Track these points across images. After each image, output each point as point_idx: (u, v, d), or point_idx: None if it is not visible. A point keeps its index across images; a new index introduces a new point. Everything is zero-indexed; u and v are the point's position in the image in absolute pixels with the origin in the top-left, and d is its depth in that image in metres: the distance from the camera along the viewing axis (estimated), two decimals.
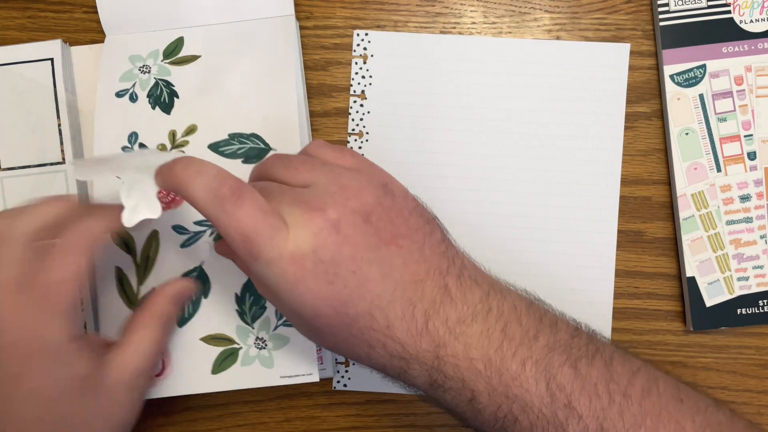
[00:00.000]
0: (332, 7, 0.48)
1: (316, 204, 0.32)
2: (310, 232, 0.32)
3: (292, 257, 0.31)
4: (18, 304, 0.33)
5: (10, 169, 0.46)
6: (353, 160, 0.37)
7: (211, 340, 0.42)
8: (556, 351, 0.33)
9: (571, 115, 0.47)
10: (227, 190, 0.31)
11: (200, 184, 0.32)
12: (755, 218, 0.46)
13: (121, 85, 0.46)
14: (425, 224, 0.35)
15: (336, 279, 0.32)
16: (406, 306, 0.33)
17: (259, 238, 0.31)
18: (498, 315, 0.34)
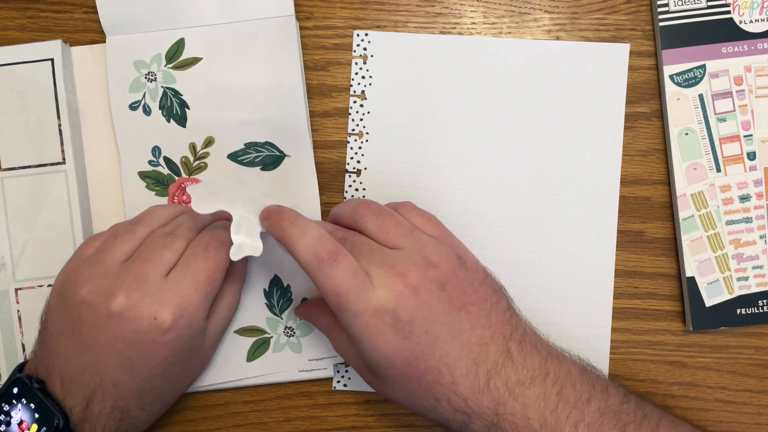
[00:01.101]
0: (332, 8, 0.48)
1: (401, 269, 0.37)
2: (393, 293, 0.36)
3: (375, 312, 0.36)
4: (177, 284, 0.39)
5: (10, 169, 0.46)
6: (437, 230, 0.40)
7: (245, 332, 0.47)
8: (606, 415, 0.36)
9: (571, 115, 0.47)
10: (326, 253, 0.37)
11: (304, 244, 0.37)
12: (755, 218, 0.46)
13: (132, 97, 0.47)
14: (493, 294, 0.39)
15: (411, 336, 0.36)
16: (470, 365, 0.36)
17: (348, 295, 0.36)
18: (555, 379, 0.37)
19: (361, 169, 0.48)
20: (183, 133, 0.47)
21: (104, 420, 0.39)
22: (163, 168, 0.47)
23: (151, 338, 0.38)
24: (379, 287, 0.36)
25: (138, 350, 0.38)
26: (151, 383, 0.40)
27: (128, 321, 0.37)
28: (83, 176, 0.47)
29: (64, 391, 0.38)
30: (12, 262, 0.46)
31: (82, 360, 0.38)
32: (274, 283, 0.47)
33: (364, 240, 0.39)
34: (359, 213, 0.40)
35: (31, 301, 0.46)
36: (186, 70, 0.47)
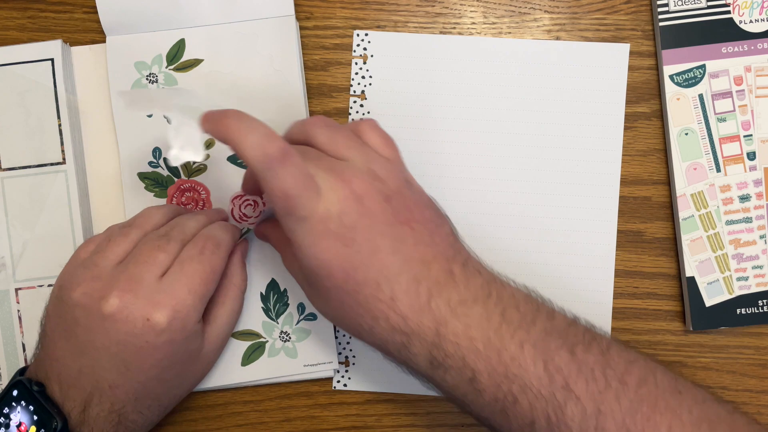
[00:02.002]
0: (332, 8, 0.48)
1: (347, 176, 0.35)
2: (338, 197, 0.35)
3: (320, 218, 0.35)
4: (171, 286, 0.38)
5: (10, 170, 0.46)
6: (390, 152, 0.39)
7: (240, 335, 0.46)
8: (552, 336, 0.35)
9: (571, 115, 0.47)
10: (276, 150, 0.34)
11: (251, 140, 0.34)
12: (755, 218, 0.46)
13: None
14: (437, 217, 0.38)
15: (352, 243, 0.35)
16: (411, 282, 0.35)
17: (297, 198, 0.34)
18: (497, 300, 0.36)
19: None
20: None
21: (101, 423, 0.38)
22: (163, 170, 0.47)
23: (144, 340, 0.38)
24: (325, 191, 0.35)
25: (132, 352, 0.38)
26: (148, 386, 0.39)
27: (121, 323, 0.37)
28: (83, 176, 0.47)
29: (63, 394, 0.38)
30: (12, 262, 0.46)
31: (78, 363, 0.38)
32: (271, 287, 0.46)
33: (312, 150, 0.38)
34: (309, 125, 0.39)
35: (31, 301, 0.46)
36: (187, 72, 0.47)
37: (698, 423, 0.33)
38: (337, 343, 0.47)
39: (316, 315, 0.46)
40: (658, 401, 0.33)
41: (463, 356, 0.34)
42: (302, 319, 0.46)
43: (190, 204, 0.47)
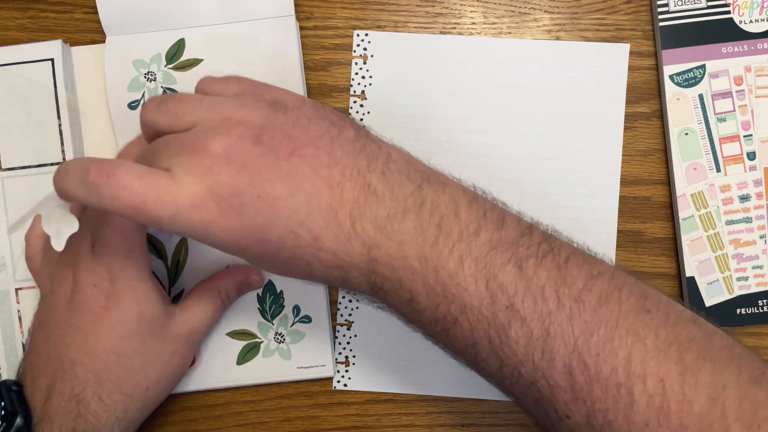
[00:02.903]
0: (332, 8, 0.48)
1: (200, 144, 0.31)
2: (199, 174, 0.30)
3: (191, 205, 0.30)
4: (100, 254, 0.38)
5: (10, 170, 0.46)
6: (239, 85, 0.35)
7: (236, 335, 0.47)
8: (499, 249, 0.31)
9: (571, 116, 0.47)
10: (94, 174, 0.30)
11: (71, 182, 0.31)
12: (755, 218, 0.46)
13: (131, 96, 0.47)
14: (331, 127, 0.33)
15: (244, 209, 0.30)
16: (327, 213, 0.31)
17: (147, 204, 0.30)
18: (432, 209, 0.31)
19: None
20: None
21: (62, 415, 0.37)
22: None
23: (96, 305, 0.38)
24: (182, 175, 0.30)
25: (88, 321, 0.38)
26: (107, 363, 0.38)
27: (76, 293, 0.39)
28: None
29: (32, 386, 0.39)
30: (12, 262, 0.46)
31: (47, 347, 0.39)
32: (267, 288, 0.47)
33: (158, 141, 0.33)
34: (141, 113, 0.34)
35: (31, 301, 0.46)
36: (187, 71, 0.47)
37: (665, 348, 0.29)
38: (337, 343, 0.47)
39: (311, 318, 0.46)
40: (618, 322, 0.29)
41: (399, 278, 0.31)
42: (297, 322, 0.46)
43: None
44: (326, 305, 0.46)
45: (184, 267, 0.47)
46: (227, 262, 0.46)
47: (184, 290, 0.46)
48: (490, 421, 0.46)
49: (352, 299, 0.47)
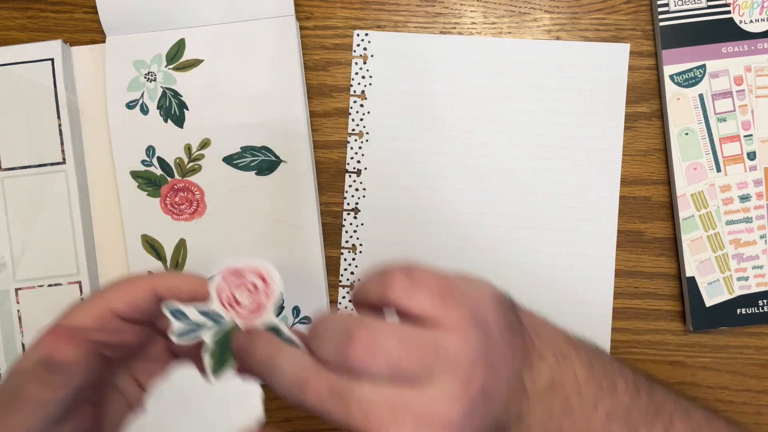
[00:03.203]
0: (332, 8, 0.48)
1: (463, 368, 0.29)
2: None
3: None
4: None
5: (10, 170, 0.46)
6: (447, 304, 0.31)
7: None
8: (614, 421, 0.33)
9: (571, 116, 0.47)
10: (316, 395, 0.29)
11: (286, 377, 0.29)
12: (755, 218, 0.46)
13: (129, 96, 0.47)
14: (513, 358, 0.32)
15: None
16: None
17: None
18: (560, 391, 0.32)
19: (361, 169, 0.48)
20: (179, 133, 0.47)
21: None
22: (156, 168, 0.47)
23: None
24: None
25: None
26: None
27: None
28: (83, 176, 0.47)
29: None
30: (12, 262, 0.46)
31: None
32: None
33: (391, 330, 0.29)
34: (388, 287, 0.30)
35: (31, 301, 0.46)
36: (187, 71, 0.47)
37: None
38: None
39: (311, 319, 0.46)
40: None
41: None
42: (297, 322, 0.47)
43: (183, 204, 0.47)
44: (327, 305, 0.46)
45: (183, 268, 0.47)
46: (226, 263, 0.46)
47: None
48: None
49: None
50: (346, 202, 0.48)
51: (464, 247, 0.47)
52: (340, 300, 0.47)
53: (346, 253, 0.48)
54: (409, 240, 0.47)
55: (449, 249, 0.47)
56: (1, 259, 0.46)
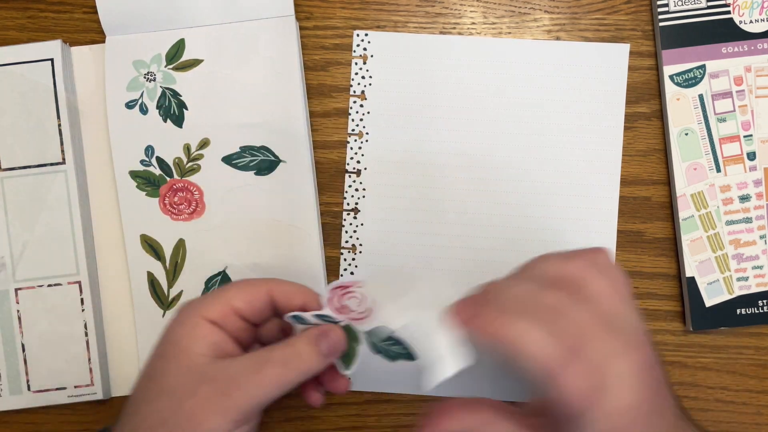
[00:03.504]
0: (332, 8, 0.48)
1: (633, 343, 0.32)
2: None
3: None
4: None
5: (10, 170, 0.46)
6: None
7: None
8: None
9: (571, 116, 0.47)
10: (556, 355, 0.30)
11: (534, 344, 0.31)
12: (755, 218, 0.46)
13: (129, 95, 0.47)
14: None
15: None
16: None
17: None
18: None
19: (361, 169, 0.48)
20: (178, 133, 0.47)
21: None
22: (155, 168, 0.47)
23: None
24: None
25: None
26: None
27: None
28: (83, 176, 0.47)
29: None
30: (12, 262, 0.46)
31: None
32: None
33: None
34: (579, 268, 0.34)
35: (31, 301, 0.46)
36: (187, 71, 0.47)
37: None
38: None
39: None
40: None
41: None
42: None
43: (182, 204, 0.47)
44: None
45: (183, 268, 0.47)
46: (225, 263, 0.46)
47: (182, 291, 0.46)
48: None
49: None
50: (346, 202, 0.48)
51: (464, 246, 0.47)
52: None
53: (345, 253, 0.48)
54: (409, 240, 0.47)
55: (449, 249, 0.47)
56: (1, 259, 0.46)
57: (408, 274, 0.42)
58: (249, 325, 0.37)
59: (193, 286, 0.46)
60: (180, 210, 0.47)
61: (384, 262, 0.47)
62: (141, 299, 0.46)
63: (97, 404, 0.47)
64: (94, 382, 0.46)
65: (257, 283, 0.37)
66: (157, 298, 0.46)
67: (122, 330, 0.47)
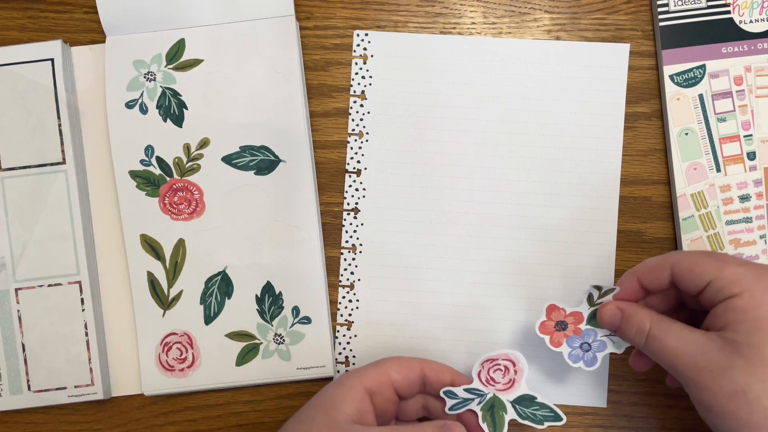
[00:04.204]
0: (332, 8, 0.48)
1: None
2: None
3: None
4: None
5: (10, 170, 0.46)
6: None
7: (235, 336, 0.46)
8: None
9: (571, 115, 0.47)
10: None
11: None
12: (755, 218, 0.46)
13: (129, 95, 0.47)
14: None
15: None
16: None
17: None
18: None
19: (361, 169, 0.48)
20: (178, 133, 0.47)
21: None
22: (155, 168, 0.47)
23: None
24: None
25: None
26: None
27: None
28: (83, 176, 0.47)
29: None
30: (12, 262, 0.46)
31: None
32: (266, 289, 0.46)
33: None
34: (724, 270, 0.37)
35: (31, 301, 0.46)
36: (187, 71, 0.47)
37: None
38: (337, 343, 0.47)
39: (311, 318, 0.46)
40: None
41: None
42: (297, 323, 0.46)
43: (182, 204, 0.47)
44: (326, 306, 0.46)
45: (183, 268, 0.47)
46: (225, 263, 0.46)
47: (182, 291, 0.46)
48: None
49: (352, 299, 0.47)
50: (346, 202, 0.48)
51: (464, 246, 0.47)
52: (339, 300, 0.47)
53: (346, 253, 0.48)
54: (409, 240, 0.47)
55: (449, 249, 0.47)
56: (1, 259, 0.46)
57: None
58: (396, 399, 0.41)
59: (193, 286, 0.46)
60: (180, 210, 0.47)
61: (384, 262, 0.47)
62: (141, 299, 0.46)
63: (97, 404, 0.47)
64: (94, 382, 0.46)
65: (412, 360, 0.41)
66: (157, 297, 0.46)
67: (122, 330, 0.47)
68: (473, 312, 0.47)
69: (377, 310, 0.47)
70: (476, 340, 0.47)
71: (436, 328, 0.47)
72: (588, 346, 0.42)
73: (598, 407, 0.46)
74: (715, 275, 0.36)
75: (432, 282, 0.47)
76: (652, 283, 0.39)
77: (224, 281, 0.47)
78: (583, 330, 0.42)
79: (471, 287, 0.47)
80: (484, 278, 0.47)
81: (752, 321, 0.34)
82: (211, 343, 0.46)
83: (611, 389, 0.46)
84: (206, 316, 0.46)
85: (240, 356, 0.46)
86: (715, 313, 0.36)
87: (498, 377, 0.42)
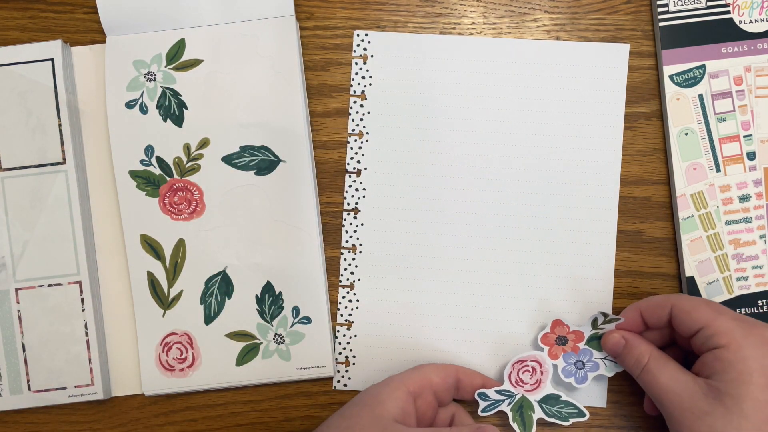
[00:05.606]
0: (332, 8, 0.48)
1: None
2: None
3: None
4: None
5: (10, 170, 0.46)
6: None
7: (235, 336, 0.47)
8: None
9: (571, 116, 0.47)
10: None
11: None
12: (754, 218, 0.46)
13: (129, 95, 0.47)
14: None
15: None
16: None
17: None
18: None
19: (361, 169, 0.48)
20: (178, 133, 0.47)
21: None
22: (155, 168, 0.47)
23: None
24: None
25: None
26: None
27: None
28: (83, 176, 0.47)
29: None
30: (12, 262, 0.46)
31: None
32: (266, 289, 0.46)
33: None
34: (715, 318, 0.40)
35: (31, 301, 0.46)
36: (187, 71, 0.47)
37: None
38: (337, 343, 0.47)
39: (311, 318, 0.46)
40: None
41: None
42: (297, 323, 0.46)
43: (182, 204, 0.47)
44: (326, 305, 0.46)
45: (183, 268, 0.47)
46: (225, 263, 0.46)
47: (182, 291, 0.46)
48: (489, 420, 0.46)
49: (352, 299, 0.47)
50: (346, 202, 0.48)
51: (464, 246, 0.47)
52: (339, 299, 0.47)
53: (346, 253, 0.48)
54: (409, 240, 0.47)
55: (449, 249, 0.47)
56: (1, 259, 0.46)
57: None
58: (435, 404, 0.43)
59: (193, 286, 0.46)
60: (180, 210, 0.47)
61: (384, 262, 0.47)
62: (141, 299, 0.46)
63: (97, 404, 0.47)
64: (94, 381, 0.46)
65: (448, 365, 0.44)
66: (157, 297, 0.46)
67: (122, 330, 0.47)
68: (473, 312, 0.47)
69: (377, 310, 0.47)
70: (476, 339, 0.47)
71: (436, 328, 0.47)
72: (582, 365, 0.44)
73: (598, 407, 0.46)
74: (707, 323, 0.39)
75: (432, 282, 0.47)
76: (652, 319, 0.42)
77: (224, 281, 0.47)
78: (581, 349, 0.44)
79: (471, 287, 0.47)
80: (483, 278, 0.47)
81: (736, 374, 0.37)
82: (211, 343, 0.46)
83: (611, 389, 0.46)
84: (206, 316, 0.46)
85: (240, 356, 0.46)
86: (704, 360, 0.39)
87: (526, 378, 0.45)
